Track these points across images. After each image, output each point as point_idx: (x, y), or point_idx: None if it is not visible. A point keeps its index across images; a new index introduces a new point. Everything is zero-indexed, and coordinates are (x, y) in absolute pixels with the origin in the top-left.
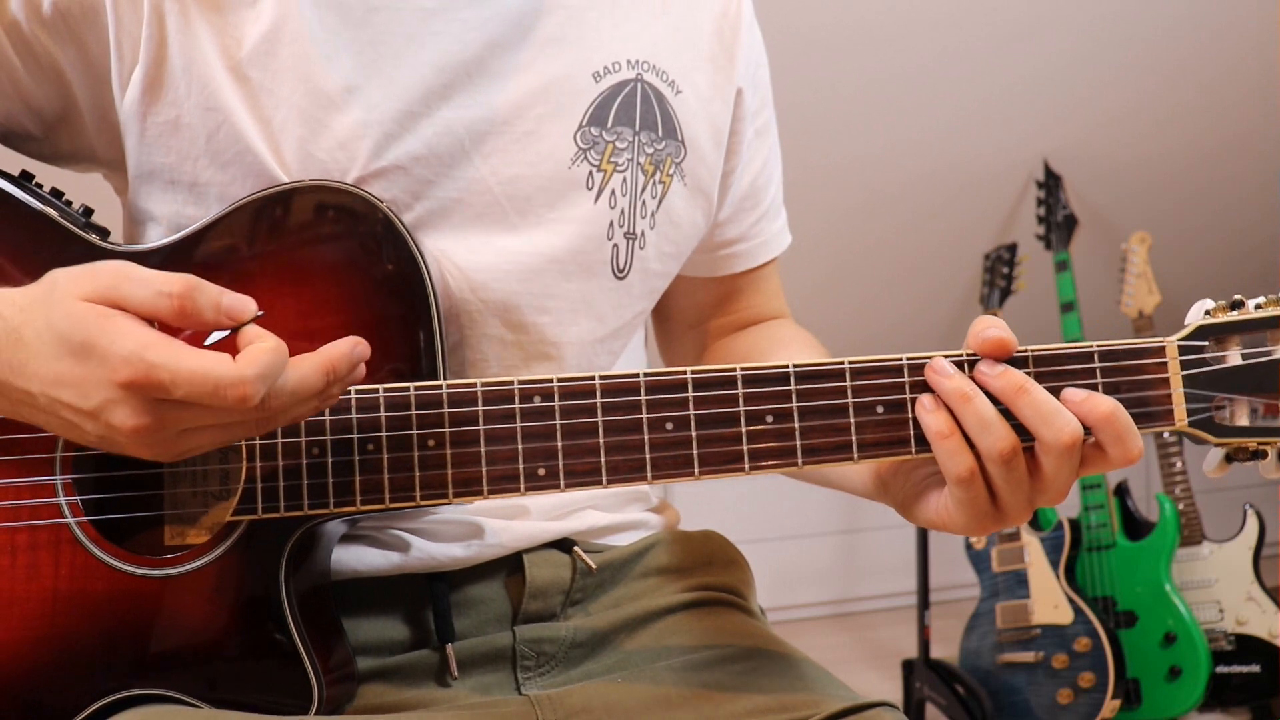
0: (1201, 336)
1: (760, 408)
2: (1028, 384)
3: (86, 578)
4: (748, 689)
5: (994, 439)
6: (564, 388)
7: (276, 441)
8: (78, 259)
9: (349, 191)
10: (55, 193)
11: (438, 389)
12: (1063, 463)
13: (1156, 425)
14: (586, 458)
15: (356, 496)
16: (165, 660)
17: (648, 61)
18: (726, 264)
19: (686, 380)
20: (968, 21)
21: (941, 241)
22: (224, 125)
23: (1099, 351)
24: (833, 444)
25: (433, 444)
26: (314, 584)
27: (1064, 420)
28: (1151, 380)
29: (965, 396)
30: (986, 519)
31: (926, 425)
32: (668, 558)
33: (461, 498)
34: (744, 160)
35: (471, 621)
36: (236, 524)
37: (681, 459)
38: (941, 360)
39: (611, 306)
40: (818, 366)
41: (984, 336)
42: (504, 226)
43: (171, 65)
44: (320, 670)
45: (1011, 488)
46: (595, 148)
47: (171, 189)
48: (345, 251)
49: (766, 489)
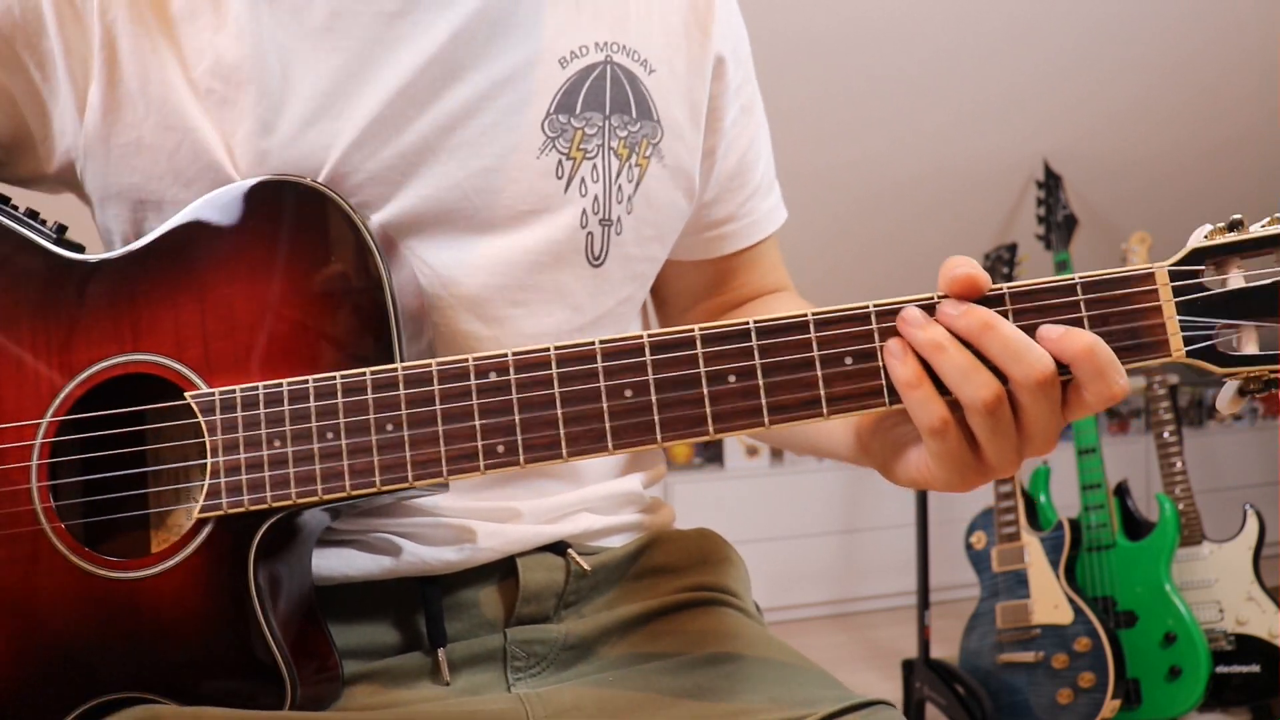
0: (1197, 260)
1: (721, 367)
2: (992, 319)
3: (64, 584)
4: (741, 688)
5: (975, 387)
6: (519, 360)
7: (238, 436)
8: (50, 272)
9: (304, 185)
10: (31, 213)
11: (393, 372)
12: (1040, 402)
13: (1150, 357)
14: (545, 430)
15: (318, 485)
16: (142, 662)
17: (617, 43)
18: (719, 245)
19: (644, 344)
20: (968, 21)
21: (941, 241)
22: (184, 143)
23: (1082, 283)
24: (800, 400)
25: (391, 428)
26: (292, 581)
27: (1035, 355)
28: (1142, 310)
29: (940, 347)
30: (970, 472)
31: (895, 374)
32: (660, 558)
33: (422, 480)
34: (728, 137)
35: (463, 625)
36: (206, 522)
37: (643, 425)
38: (913, 310)
39: (588, 295)
40: (779, 320)
41: (952, 275)
42: (474, 221)
43: (127, 86)
44: (293, 664)
45: (997, 438)
46: (564, 135)
47: (140, 208)
48: (298, 244)
49: (766, 489)
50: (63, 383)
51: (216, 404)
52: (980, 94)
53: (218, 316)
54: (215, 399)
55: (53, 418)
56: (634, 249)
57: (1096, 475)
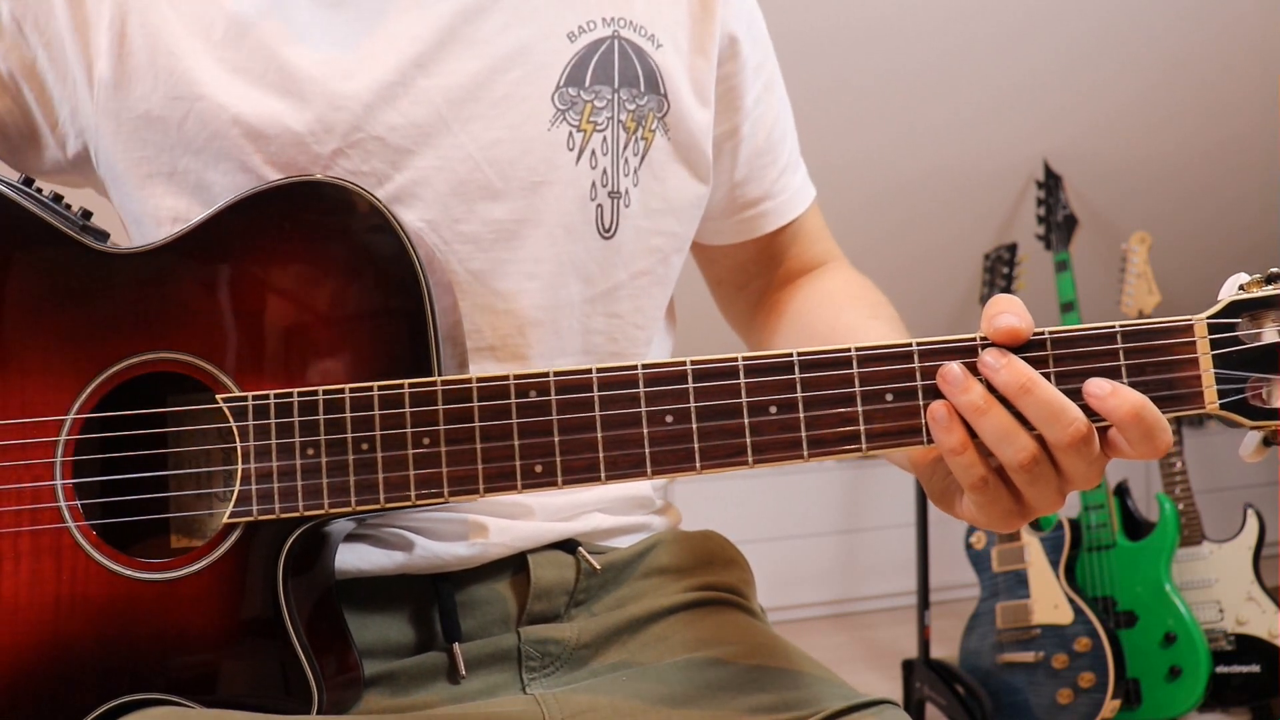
0: (1234, 313)
1: (763, 398)
2: (1032, 381)
3: (87, 583)
4: (750, 687)
5: (1014, 451)
6: (560, 382)
7: (270, 443)
8: (75, 263)
9: (338, 185)
10: (56, 197)
11: (432, 385)
12: (1076, 458)
13: (1185, 409)
14: (584, 453)
15: (351, 497)
16: (166, 665)
17: (624, 18)
18: (758, 224)
19: (686, 371)
20: (968, 21)
21: (941, 241)
22: (191, 112)
23: (1122, 332)
24: (839, 435)
25: (428, 442)
26: (317, 586)
27: (1069, 418)
28: (1179, 361)
29: (980, 410)
30: (1013, 516)
31: (940, 441)
32: (668, 558)
33: (457, 496)
34: (753, 116)
35: (476, 622)
36: (235, 526)
37: (682, 453)
38: (954, 370)
39: (599, 266)
40: (823, 354)
41: (996, 325)
42: (486, 193)
43: (136, 59)
44: (320, 671)
45: (1036, 489)
46: (574, 108)
47: (150, 181)
48: (335, 247)
49: (767, 489)
50: (87, 378)
51: (250, 409)
52: (980, 94)
53: (250, 318)
54: (249, 403)
55: (77, 414)
56: (643, 221)
57: None
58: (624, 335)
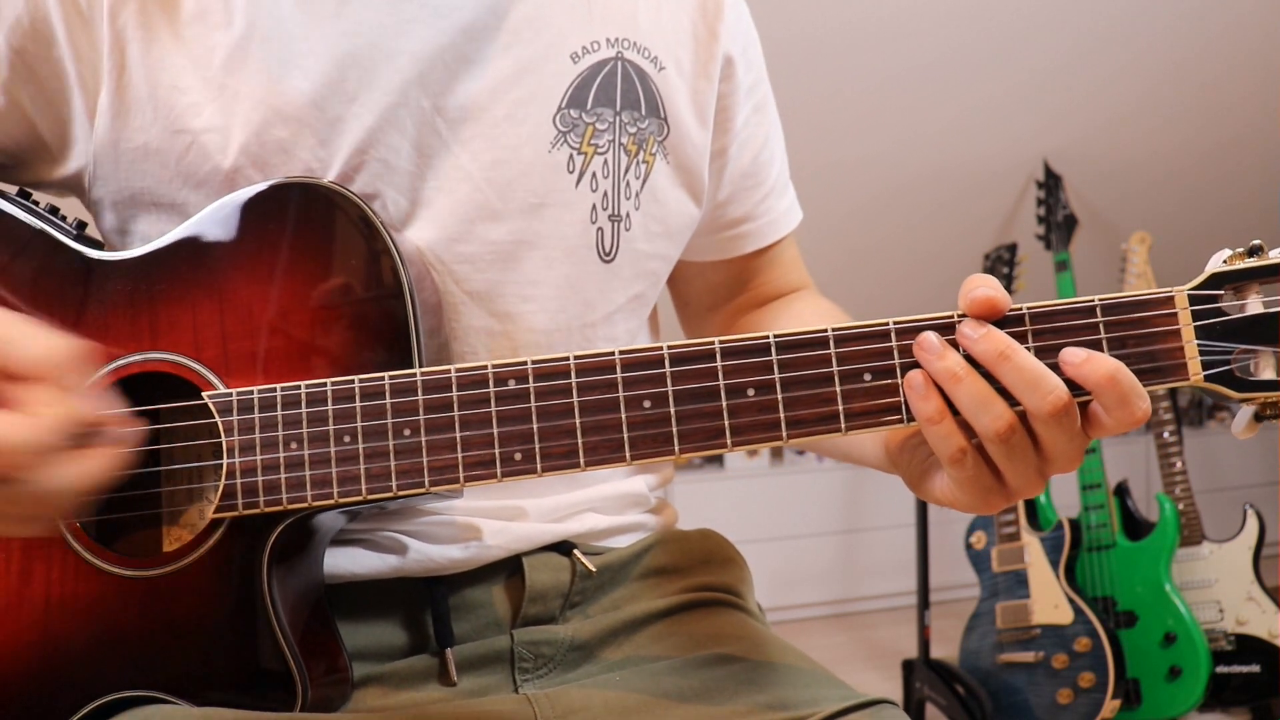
0: (1216, 285)
1: (741, 380)
2: (1009, 348)
3: (77, 581)
4: (747, 688)
5: (990, 418)
6: (538, 369)
7: (255, 437)
8: (69, 269)
9: (323, 187)
10: (52, 209)
11: (412, 377)
12: (1057, 429)
13: (1168, 381)
14: (563, 440)
15: (334, 489)
16: (153, 661)
17: (628, 39)
18: (736, 245)
19: (663, 356)
20: (968, 21)
21: (941, 241)
22: (194, 145)
23: (1101, 305)
24: (818, 415)
25: (408, 433)
26: (304, 583)
27: (1049, 385)
28: (1160, 333)
29: (956, 377)
30: (993, 495)
31: (916, 410)
32: (665, 558)
33: (439, 486)
34: (740, 137)
35: (470, 626)
36: (220, 522)
37: (661, 437)
38: (930, 337)
39: (599, 290)
40: (800, 335)
41: (972, 296)
42: (486, 214)
43: (136, 91)
44: (304, 666)
45: (1015, 463)
46: (575, 130)
47: (154, 210)
48: (318, 246)
49: (767, 489)
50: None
51: (234, 405)
52: (980, 94)
53: (236, 317)
54: (233, 400)
55: None
56: (643, 245)
57: (1096, 475)
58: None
